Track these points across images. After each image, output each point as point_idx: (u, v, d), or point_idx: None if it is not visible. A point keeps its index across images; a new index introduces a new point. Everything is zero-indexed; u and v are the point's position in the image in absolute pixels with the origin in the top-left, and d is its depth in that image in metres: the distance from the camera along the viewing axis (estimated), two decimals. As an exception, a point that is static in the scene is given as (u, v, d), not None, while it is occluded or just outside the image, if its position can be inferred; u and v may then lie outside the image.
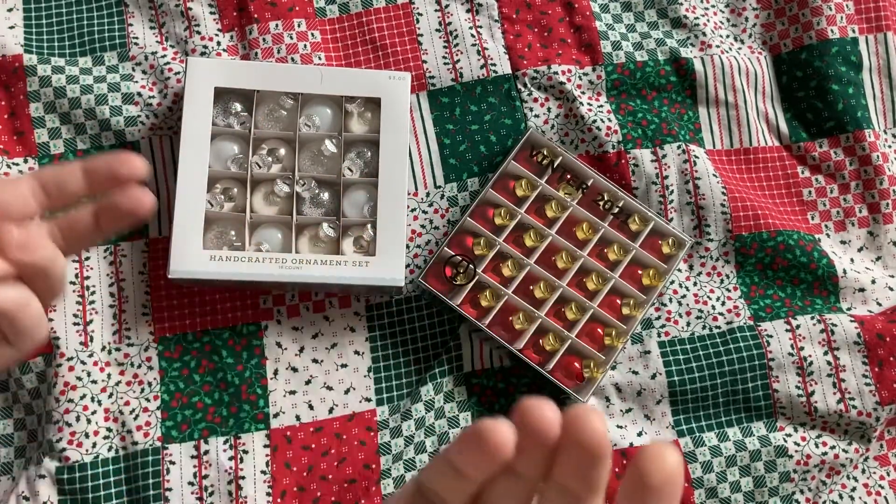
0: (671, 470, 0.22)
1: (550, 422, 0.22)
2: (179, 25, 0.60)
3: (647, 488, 0.22)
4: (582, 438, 0.22)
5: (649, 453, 0.22)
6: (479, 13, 0.63)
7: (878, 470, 0.59)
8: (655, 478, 0.22)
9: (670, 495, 0.22)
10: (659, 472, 0.22)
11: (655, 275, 0.57)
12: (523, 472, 0.24)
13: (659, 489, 0.22)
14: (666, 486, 0.22)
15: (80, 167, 0.35)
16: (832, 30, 0.64)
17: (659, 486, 0.22)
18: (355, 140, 0.56)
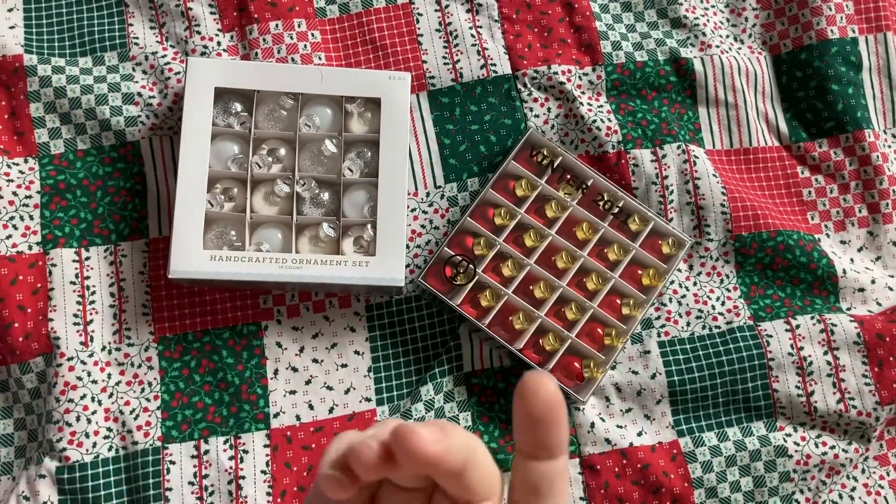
0: (550, 398, 0.24)
1: (425, 450, 0.22)
2: (179, 25, 0.60)
3: (534, 420, 0.24)
4: (530, 410, 0.24)
5: (526, 386, 0.24)
6: (479, 13, 0.63)
7: (878, 470, 0.59)
8: (538, 409, 0.24)
9: (556, 420, 0.24)
10: (540, 403, 0.24)
11: (655, 275, 0.57)
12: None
13: (544, 418, 0.24)
14: (550, 414, 0.24)
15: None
16: (832, 30, 0.64)
17: (543, 416, 0.24)
18: (355, 140, 0.56)
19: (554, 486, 0.26)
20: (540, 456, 0.25)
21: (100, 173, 0.58)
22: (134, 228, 0.57)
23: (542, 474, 0.25)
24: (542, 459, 0.25)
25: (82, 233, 0.56)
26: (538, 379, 0.24)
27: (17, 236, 0.55)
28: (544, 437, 0.24)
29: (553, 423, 0.24)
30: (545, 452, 0.25)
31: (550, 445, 0.25)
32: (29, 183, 0.56)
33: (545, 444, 0.25)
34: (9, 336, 0.53)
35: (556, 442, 0.25)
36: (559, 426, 0.24)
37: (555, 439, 0.25)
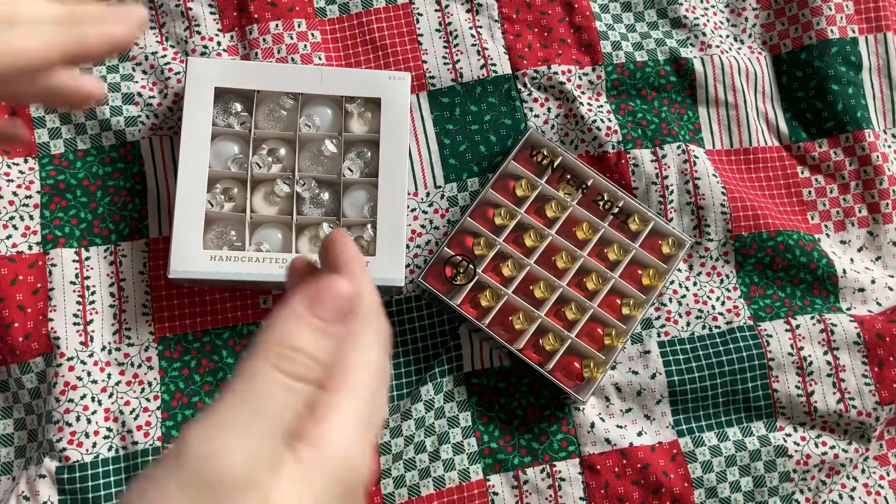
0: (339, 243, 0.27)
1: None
2: (179, 25, 0.60)
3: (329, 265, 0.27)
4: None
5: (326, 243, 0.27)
6: (479, 13, 0.63)
7: (878, 470, 0.59)
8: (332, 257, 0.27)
9: (353, 260, 0.27)
10: (335, 253, 0.27)
11: (655, 275, 0.57)
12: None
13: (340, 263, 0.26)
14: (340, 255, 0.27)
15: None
16: (832, 30, 0.64)
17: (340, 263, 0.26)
18: (355, 140, 0.56)
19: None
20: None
21: (100, 173, 0.57)
22: (134, 228, 0.57)
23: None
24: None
25: (82, 233, 0.56)
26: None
27: (17, 236, 0.55)
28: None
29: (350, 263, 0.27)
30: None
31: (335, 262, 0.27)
32: (29, 183, 0.56)
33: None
34: (9, 336, 0.53)
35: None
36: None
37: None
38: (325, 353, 0.24)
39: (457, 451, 0.55)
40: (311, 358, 0.24)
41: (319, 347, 0.24)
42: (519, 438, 0.56)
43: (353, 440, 0.24)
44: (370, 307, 0.26)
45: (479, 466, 0.55)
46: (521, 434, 0.56)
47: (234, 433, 0.22)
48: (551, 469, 0.55)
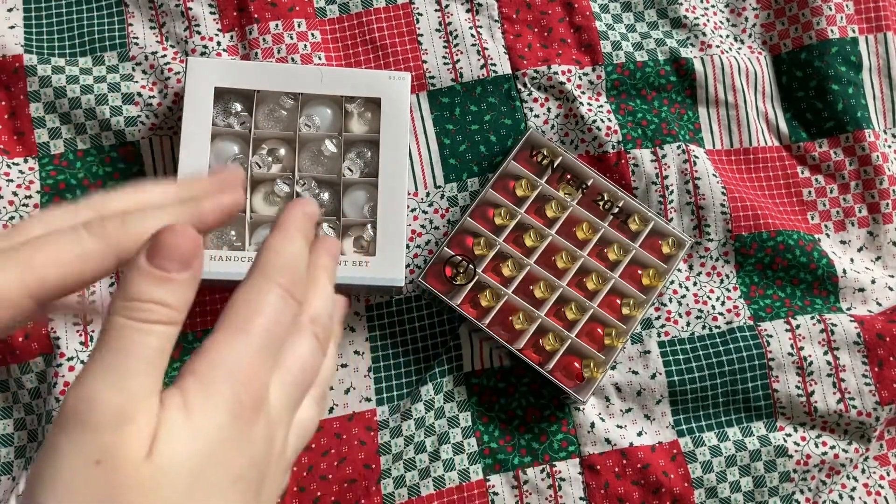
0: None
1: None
2: (179, 25, 0.60)
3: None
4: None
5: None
6: (479, 13, 0.63)
7: (878, 470, 0.59)
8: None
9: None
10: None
11: (655, 275, 0.57)
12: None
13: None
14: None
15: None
16: (832, 30, 0.64)
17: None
18: (355, 140, 0.56)
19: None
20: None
21: (100, 173, 0.57)
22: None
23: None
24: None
25: (82, 233, 0.56)
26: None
27: (16, 236, 0.55)
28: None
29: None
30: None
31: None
32: (29, 183, 0.56)
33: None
34: (9, 336, 0.53)
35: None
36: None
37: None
38: (175, 299, 0.25)
39: (457, 451, 0.55)
40: (158, 304, 0.25)
41: (166, 294, 0.25)
42: (519, 438, 0.56)
43: (239, 366, 0.25)
44: (272, 261, 0.28)
45: (479, 466, 0.55)
46: (521, 434, 0.56)
47: (102, 376, 0.23)
48: (551, 469, 0.55)
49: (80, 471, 0.22)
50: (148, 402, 0.24)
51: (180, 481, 0.23)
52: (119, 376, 0.23)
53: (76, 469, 0.22)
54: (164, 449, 0.23)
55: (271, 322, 0.26)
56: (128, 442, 0.23)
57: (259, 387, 0.26)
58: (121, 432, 0.23)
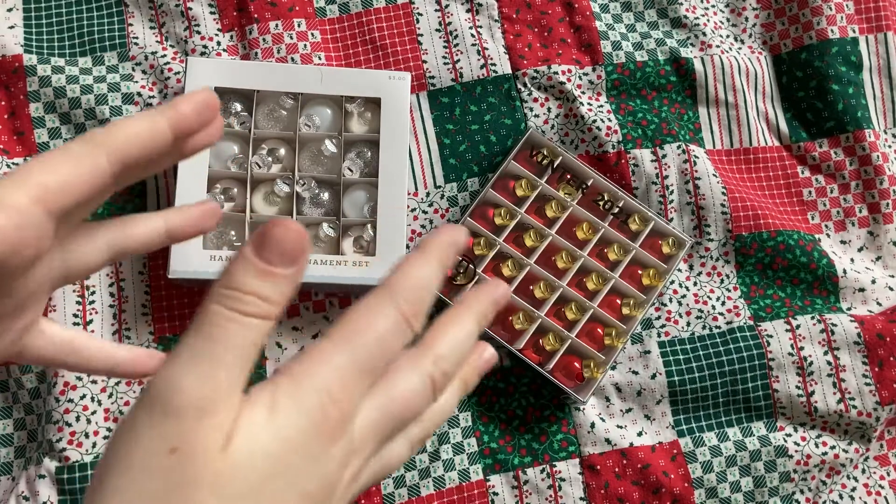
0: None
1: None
2: (179, 25, 0.60)
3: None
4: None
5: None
6: (479, 13, 0.63)
7: (878, 470, 0.59)
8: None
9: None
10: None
11: (655, 275, 0.57)
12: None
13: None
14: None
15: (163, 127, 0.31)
16: (832, 30, 0.64)
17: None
18: (355, 140, 0.56)
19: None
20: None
21: (100, 173, 0.57)
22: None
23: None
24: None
25: (82, 233, 0.56)
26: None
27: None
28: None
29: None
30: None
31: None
32: (29, 183, 0.56)
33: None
34: (8, 336, 0.53)
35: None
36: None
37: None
38: (275, 293, 0.25)
39: (457, 452, 0.55)
40: (258, 297, 0.24)
41: (266, 288, 0.25)
42: (519, 438, 0.56)
43: (333, 379, 0.24)
44: (399, 282, 0.27)
45: (479, 466, 0.55)
46: (521, 434, 0.56)
47: (191, 363, 0.23)
48: (551, 469, 0.55)
49: (155, 456, 0.22)
50: (232, 395, 0.23)
51: (251, 480, 0.23)
52: (208, 366, 0.23)
53: (152, 453, 0.22)
54: (242, 443, 0.23)
55: (377, 343, 0.26)
56: (206, 433, 0.23)
57: (348, 404, 0.25)
58: (201, 423, 0.23)
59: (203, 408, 0.23)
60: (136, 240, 0.35)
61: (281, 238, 0.25)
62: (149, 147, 0.30)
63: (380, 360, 0.26)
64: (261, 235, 0.25)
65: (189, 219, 0.37)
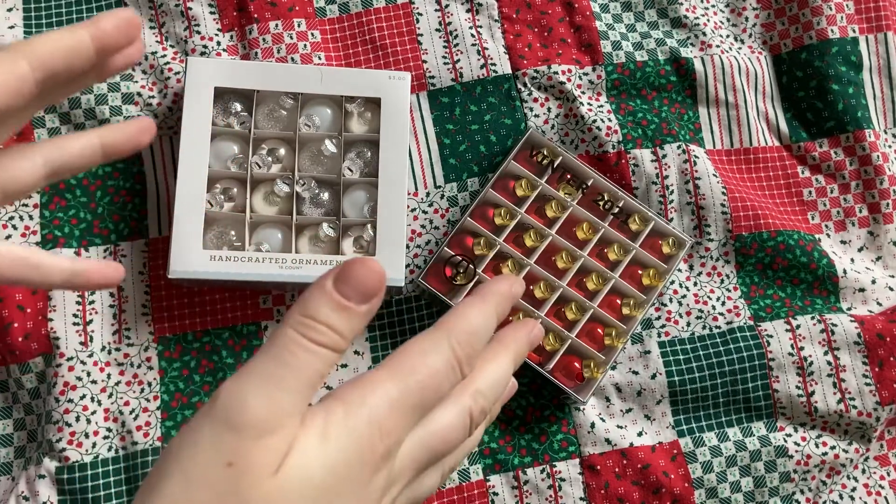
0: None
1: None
2: (179, 25, 0.60)
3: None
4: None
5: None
6: (479, 13, 0.63)
7: (879, 470, 0.59)
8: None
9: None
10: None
11: (655, 275, 0.57)
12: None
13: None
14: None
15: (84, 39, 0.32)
16: (832, 30, 0.64)
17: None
18: (355, 140, 0.56)
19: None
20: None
21: (100, 173, 0.57)
22: (134, 228, 0.57)
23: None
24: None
25: (82, 233, 0.56)
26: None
27: (16, 236, 0.55)
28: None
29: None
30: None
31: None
32: (29, 183, 0.56)
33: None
34: (8, 336, 0.53)
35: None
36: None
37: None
38: (347, 327, 0.26)
39: (457, 452, 0.55)
40: (330, 328, 0.25)
41: (340, 321, 0.26)
42: (519, 438, 0.56)
43: (384, 412, 0.25)
44: (459, 326, 0.28)
45: (479, 467, 0.55)
46: (521, 434, 0.56)
47: (259, 383, 0.24)
48: (551, 469, 0.55)
49: (212, 467, 0.23)
50: (292, 419, 0.24)
51: (306, 498, 0.24)
52: (276, 388, 0.24)
53: (209, 464, 0.23)
54: (293, 468, 0.24)
55: (431, 382, 0.27)
56: (263, 453, 0.23)
57: (395, 438, 0.26)
58: (260, 442, 0.23)
59: (264, 428, 0.23)
60: (71, 153, 0.35)
61: (362, 278, 0.26)
62: (70, 57, 0.30)
63: (431, 398, 0.27)
64: (343, 271, 0.26)
65: (123, 134, 0.36)
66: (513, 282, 0.31)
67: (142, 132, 0.37)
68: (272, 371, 0.24)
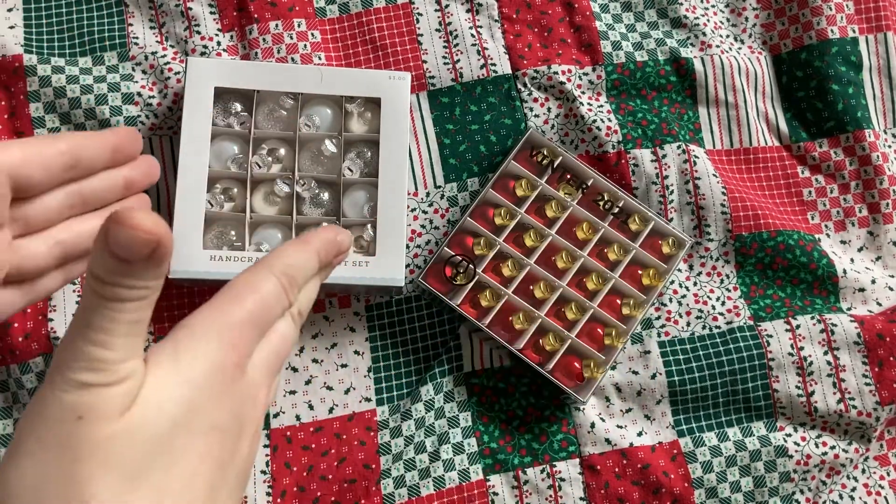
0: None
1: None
2: (179, 25, 0.60)
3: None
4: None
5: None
6: (479, 13, 0.63)
7: (879, 470, 0.59)
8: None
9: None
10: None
11: (655, 275, 0.57)
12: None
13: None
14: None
15: (109, 142, 0.37)
16: (832, 30, 0.64)
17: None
18: (355, 140, 0.56)
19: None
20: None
21: (100, 173, 0.57)
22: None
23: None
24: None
25: (82, 233, 0.56)
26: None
27: (16, 236, 0.55)
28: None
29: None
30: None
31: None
32: (29, 183, 0.56)
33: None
34: (9, 336, 0.53)
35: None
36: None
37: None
38: (135, 280, 0.27)
39: (457, 452, 0.55)
40: (118, 285, 0.26)
41: (125, 276, 0.26)
42: (519, 438, 0.56)
43: (231, 330, 0.29)
44: (280, 261, 0.33)
45: (479, 466, 0.55)
46: (521, 434, 0.56)
47: (82, 345, 0.26)
48: (551, 469, 0.55)
49: (64, 424, 0.24)
50: (128, 364, 0.26)
51: (163, 426, 0.25)
52: (98, 346, 0.25)
53: (59, 421, 0.24)
54: (142, 405, 0.25)
55: (264, 302, 0.30)
56: (111, 397, 0.25)
57: (244, 349, 0.29)
58: (103, 389, 0.25)
59: (103, 374, 0.25)
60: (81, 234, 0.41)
61: (122, 239, 0.26)
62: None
63: (267, 319, 0.30)
64: (108, 232, 0.26)
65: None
66: (338, 231, 0.35)
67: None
68: (89, 334, 0.25)
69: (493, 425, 0.56)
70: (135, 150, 0.38)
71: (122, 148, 0.38)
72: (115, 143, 0.37)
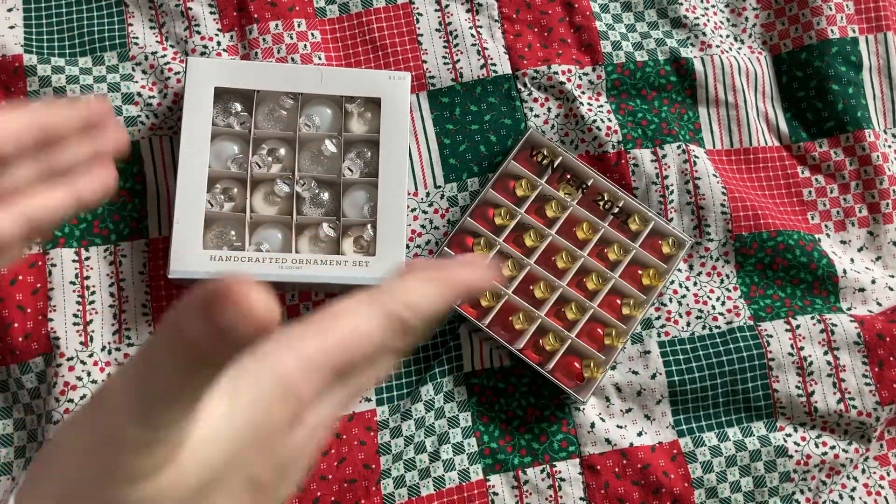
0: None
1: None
2: (179, 25, 0.60)
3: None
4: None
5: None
6: (479, 13, 0.63)
7: (878, 470, 0.59)
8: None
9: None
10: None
11: (655, 275, 0.57)
12: None
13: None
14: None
15: (81, 115, 0.36)
16: (832, 30, 0.64)
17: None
18: (355, 140, 0.56)
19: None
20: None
21: (100, 173, 0.57)
22: (134, 228, 0.57)
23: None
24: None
25: (82, 233, 0.56)
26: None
27: (16, 236, 0.55)
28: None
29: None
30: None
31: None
32: (29, 183, 0.56)
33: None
34: (9, 336, 0.53)
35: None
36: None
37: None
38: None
39: (457, 452, 0.55)
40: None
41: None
42: (519, 438, 0.56)
43: (297, 372, 0.23)
44: (400, 297, 0.24)
45: (479, 466, 0.55)
46: (521, 434, 0.56)
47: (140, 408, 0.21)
48: (551, 469, 0.55)
49: (89, 476, 0.21)
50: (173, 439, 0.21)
51: (202, 480, 0.22)
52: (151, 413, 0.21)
53: (85, 472, 0.21)
54: (196, 448, 0.21)
55: (353, 343, 0.24)
56: (142, 460, 0.21)
57: (307, 395, 0.23)
58: (139, 451, 0.21)
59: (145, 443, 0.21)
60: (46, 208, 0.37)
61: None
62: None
63: (351, 357, 0.24)
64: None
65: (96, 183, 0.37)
66: (481, 274, 0.26)
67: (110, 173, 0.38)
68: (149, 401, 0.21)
69: (493, 425, 0.56)
70: (105, 122, 0.37)
71: (93, 120, 0.37)
72: (86, 115, 0.37)
